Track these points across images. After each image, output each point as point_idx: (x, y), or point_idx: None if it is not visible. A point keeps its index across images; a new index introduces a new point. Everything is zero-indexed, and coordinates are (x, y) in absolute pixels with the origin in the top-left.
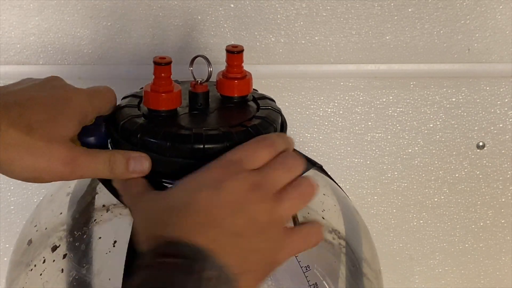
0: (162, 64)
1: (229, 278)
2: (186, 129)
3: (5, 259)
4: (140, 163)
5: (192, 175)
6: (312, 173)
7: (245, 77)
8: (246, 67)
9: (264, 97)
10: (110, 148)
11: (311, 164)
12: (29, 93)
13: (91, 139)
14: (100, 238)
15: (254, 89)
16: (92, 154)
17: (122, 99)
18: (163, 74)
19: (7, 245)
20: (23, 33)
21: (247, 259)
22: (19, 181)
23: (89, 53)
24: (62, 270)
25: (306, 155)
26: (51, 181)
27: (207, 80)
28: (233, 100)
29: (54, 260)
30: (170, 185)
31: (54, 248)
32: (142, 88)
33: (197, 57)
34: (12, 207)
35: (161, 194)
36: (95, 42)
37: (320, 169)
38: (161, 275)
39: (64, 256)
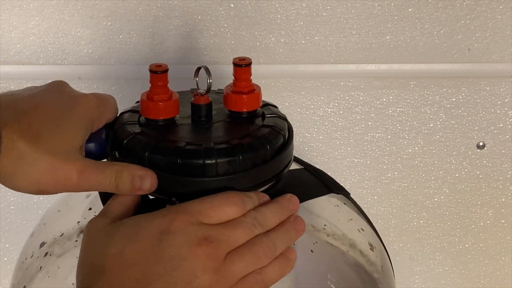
0: (158, 72)
1: None
2: (193, 144)
3: (5, 259)
4: (146, 181)
5: (137, 218)
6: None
7: (254, 91)
8: None
9: (266, 104)
10: (109, 154)
11: (330, 189)
12: (36, 100)
13: (91, 146)
14: None
15: (272, 105)
16: (99, 169)
17: (119, 114)
18: (159, 83)
19: (7, 245)
20: (23, 33)
21: None
22: None
23: (89, 53)
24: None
25: (306, 154)
26: (56, 193)
27: (207, 91)
28: (241, 116)
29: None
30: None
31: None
32: (138, 102)
33: (201, 68)
34: (12, 207)
35: (105, 230)
36: (95, 42)
37: (347, 197)
38: None
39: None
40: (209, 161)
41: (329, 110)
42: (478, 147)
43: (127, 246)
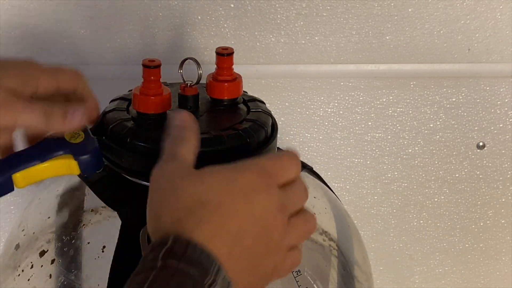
0: (151, 67)
1: None
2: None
3: None
4: (77, 113)
5: (226, 172)
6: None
7: (235, 80)
8: (246, 67)
9: (254, 99)
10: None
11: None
12: None
13: (87, 157)
14: (88, 243)
15: (244, 91)
16: (28, 104)
17: (110, 102)
18: (152, 77)
19: None
20: (23, 33)
21: (254, 277)
22: None
23: (89, 53)
24: (50, 275)
25: (306, 154)
26: None
27: (197, 82)
28: (223, 103)
29: (42, 265)
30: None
31: (42, 253)
32: (131, 90)
33: (187, 59)
34: (12, 207)
35: (194, 177)
36: (95, 42)
37: (311, 171)
38: (163, 279)
39: (53, 261)
40: None
41: (329, 110)
42: (478, 147)
43: (225, 198)
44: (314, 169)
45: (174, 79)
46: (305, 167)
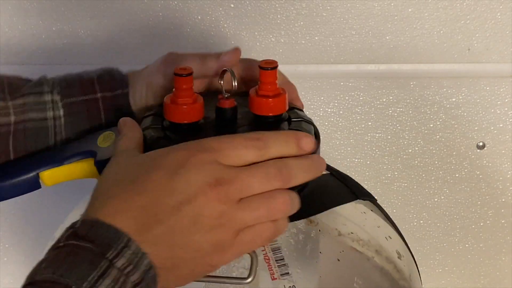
0: (183, 75)
1: (151, 277)
2: None
3: (5, 259)
4: (228, 54)
5: (162, 151)
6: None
7: (280, 95)
8: None
9: (292, 108)
10: None
11: (356, 196)
12: None
13: (105, 162)
14: None
15: (298, 109)
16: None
17: (142, 118)
18: (184, 86)
19: (7, 245)
20: (23, 33)
21: (177, 255)
22: None
23: (89, 53)
24: None
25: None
26: None
27: (232, 94)
28: (267, 120)
29: None
30: None
31: None
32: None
33: (226, 71)
34: (12, 207)
35: (128, 160)
36: (95, 42)
37: (374, 203)
38: (59, 256)
39: None
40: None
41: (329, 110)
42: (478, 147)
43: (142, 174)
44: None
45: None
46: (364, 197)
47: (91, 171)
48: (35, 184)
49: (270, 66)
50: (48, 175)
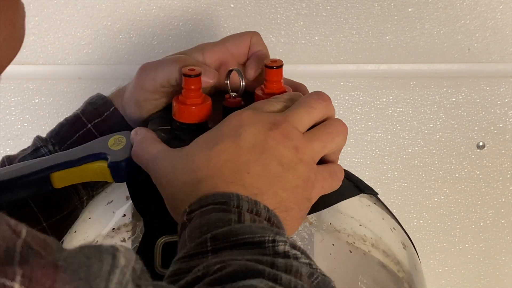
0: (191, 76)
1: (273, 216)
2: None
3: None
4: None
5: (212, 131)
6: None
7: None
8: None
9: None
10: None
11: (361, 190)
12: None
13: (118, 165)
14: None
15: None
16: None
17: (149, 120)
18: (192, 86)
19: None
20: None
21: (283, 198)
22: None
23: (89, 53)
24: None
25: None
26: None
27: (240, 94)
28: None
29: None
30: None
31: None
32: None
33: (232, 70)
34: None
35: (182, 152)
36: (95, 42)
37: (376, 197)
38: (203, 218)
39: None
40: None
41: None
42: (478, 147)
43: (209, 151)
44: None
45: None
46: (365, 191)
47: (103, 173)
48: (45, 185)
49: (276, 64)
50: (59, 177)
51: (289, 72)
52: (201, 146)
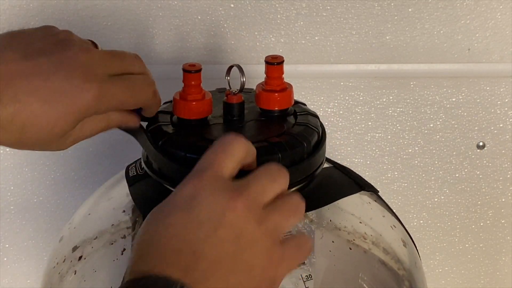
0: (192, 72)
1: None
2: (209, 140)
3: (5, 259)
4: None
5: (165, 200)
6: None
7: (286, 90)
8: (245, 67)
9: (296, 102)
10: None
11: (361, 187)
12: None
13: None
14: None
15: (301, 103)
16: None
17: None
18: (193, 82)
19: (7, 245)
20: None
21: (232, 282)
22: (19, 181)
23: None
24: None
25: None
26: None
27: (241, 90)
28: (273, 114)
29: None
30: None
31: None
32: (168, 102)
33: (233, 66)
34: (12, 207)
35: (152, 213)
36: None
37: (377, 195)
38: None
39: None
40: None
41: (329, 110)
42: (478, 147)
43: (159, 222)
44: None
45: (174, 78)
46: (366, 188)
47: None
48: None
49: (276, 61)
50: None
51: (289, 72)
52: (156, 217)
